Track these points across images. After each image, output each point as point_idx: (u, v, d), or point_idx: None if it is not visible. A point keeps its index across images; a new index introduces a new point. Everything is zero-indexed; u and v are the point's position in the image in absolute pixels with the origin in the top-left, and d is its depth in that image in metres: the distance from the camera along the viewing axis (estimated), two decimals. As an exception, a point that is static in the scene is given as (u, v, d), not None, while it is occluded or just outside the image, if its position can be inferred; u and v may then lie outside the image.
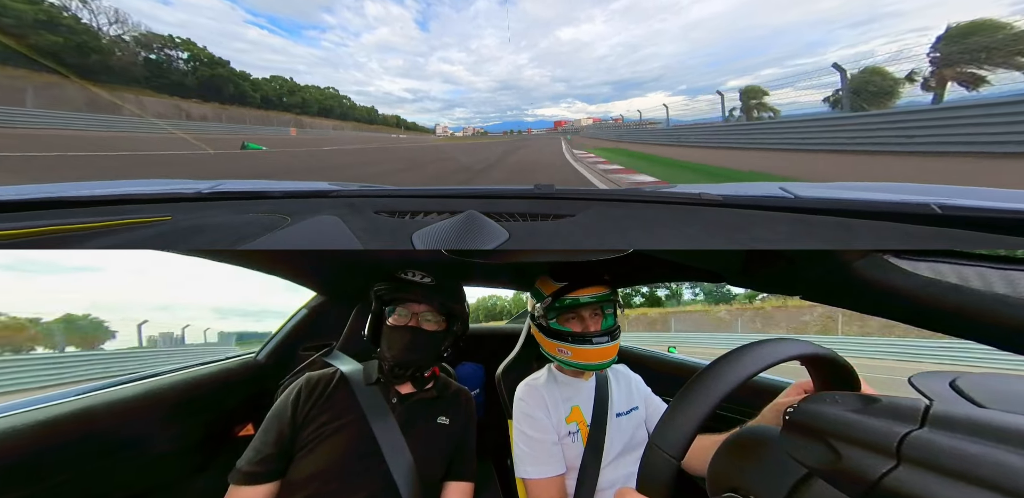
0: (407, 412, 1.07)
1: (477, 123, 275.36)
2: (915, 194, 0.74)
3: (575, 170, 9.30)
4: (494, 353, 1.62)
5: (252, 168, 9.01)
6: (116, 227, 0.66)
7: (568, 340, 1.09)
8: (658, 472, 0.43)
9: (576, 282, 1.11)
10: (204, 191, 0.92)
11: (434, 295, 1.09)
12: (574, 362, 1.10)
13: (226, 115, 37.03)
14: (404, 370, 1.10)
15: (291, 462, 0.97)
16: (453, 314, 1.13)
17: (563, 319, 1.12)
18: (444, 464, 1.07)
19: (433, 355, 1.12)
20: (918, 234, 0.56)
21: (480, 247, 0.63)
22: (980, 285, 0.41)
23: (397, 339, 1.07)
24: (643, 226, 0.70)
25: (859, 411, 0.38)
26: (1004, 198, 0.67)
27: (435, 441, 1.07)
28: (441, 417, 1.11)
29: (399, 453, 0.99)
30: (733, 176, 7.14)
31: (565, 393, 1.15)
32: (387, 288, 1.10)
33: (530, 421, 1.10)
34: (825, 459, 0.38)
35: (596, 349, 1.07)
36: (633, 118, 32.63)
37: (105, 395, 1.14)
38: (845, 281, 0.52)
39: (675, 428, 0.43)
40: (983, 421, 0.31)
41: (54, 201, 0.80)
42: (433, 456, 1.04)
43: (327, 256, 1.40)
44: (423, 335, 1.08)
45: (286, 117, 46.74)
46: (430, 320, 1.10)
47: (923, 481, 0.31)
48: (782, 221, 0.67)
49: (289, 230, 0.69)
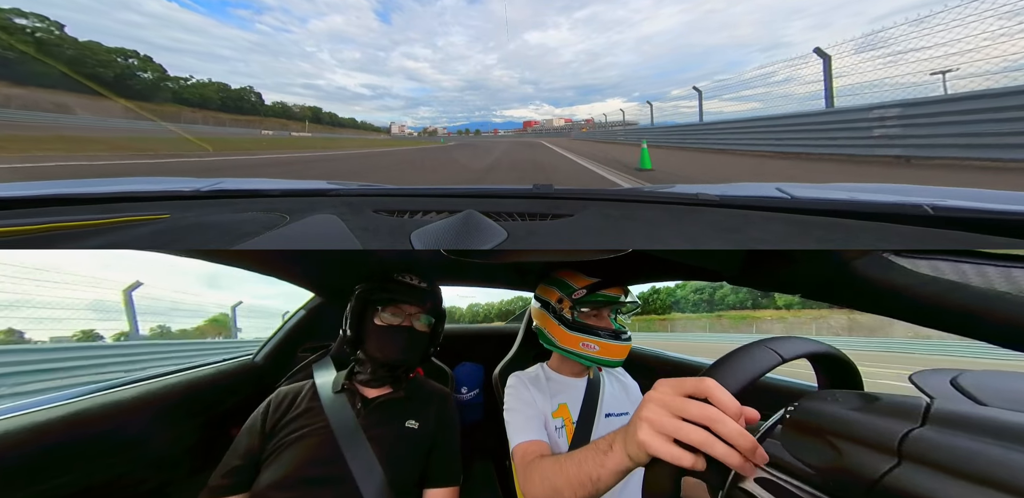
0: (373, 416, 1.05)
1: (444, 123, 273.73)
2: (909, 195, 0.75)
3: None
4: (494, 353, 1.61)
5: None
6: (114, 225, 0.66)
7: (599, 335, 1.12)
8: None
9: (610, 279, 1.15)
10: (202, 189, 0.92)
11: (428, 298, 1.12)
12: (600, 357, 1.13)
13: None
14: (392, 371, 1.09)
15: (257, 474, 0.96)
16: (439, 315, 1.17)
17: (584, 315, 1.15)
18: (416, 469, 1.04)
19: (422, 355, 1.15)
20: (911, 235, 0.57)
21: (479, 246, 0.63)
22: (980, 283, 0.41)
23: (390, 339, 1.07)
24: (641, 226, 0.70)
25: (860, 409, 0.38)
26: (996, 199, 0.68)
27: (402, 445, 1.04)
28: (410, 421, 1.08)
29: (362, 459, 0.96)
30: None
31: (554, 390, 1.17)
32: (379, 289, 1.10)
33: (518, 399, 1.11)
34: (826, 457, 0.37)
35: (621, 345, 1.12)
36: (599, 121, 32.58)
37: (100, 398, 1.13)
38: (845, 279, 0.52)
39: (735, 367, 0.46)
40: (984, 419, 0.31)
41: (52, 198, 0.80)
42: (401, 461, 1.01)
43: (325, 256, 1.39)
44: (417, 335, 1.10)
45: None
46: (421, 321, 1.12)
47: (924, 479, 0.31)
48: (778, 221, 0.68)
49: (287, 229, 0.69)
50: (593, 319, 1.14)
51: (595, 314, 1.15)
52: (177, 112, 43.83)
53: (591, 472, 0.60)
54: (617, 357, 1.13)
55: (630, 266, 1.17)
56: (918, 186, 0.94)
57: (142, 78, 48.35)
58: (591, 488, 0.61)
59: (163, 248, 0.62)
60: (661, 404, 0.47)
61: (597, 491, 0.60)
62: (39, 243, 0.59)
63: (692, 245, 0.61)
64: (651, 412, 0.48)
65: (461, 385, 1.83)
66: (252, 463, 0.96)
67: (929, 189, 0.87)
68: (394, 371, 1.10)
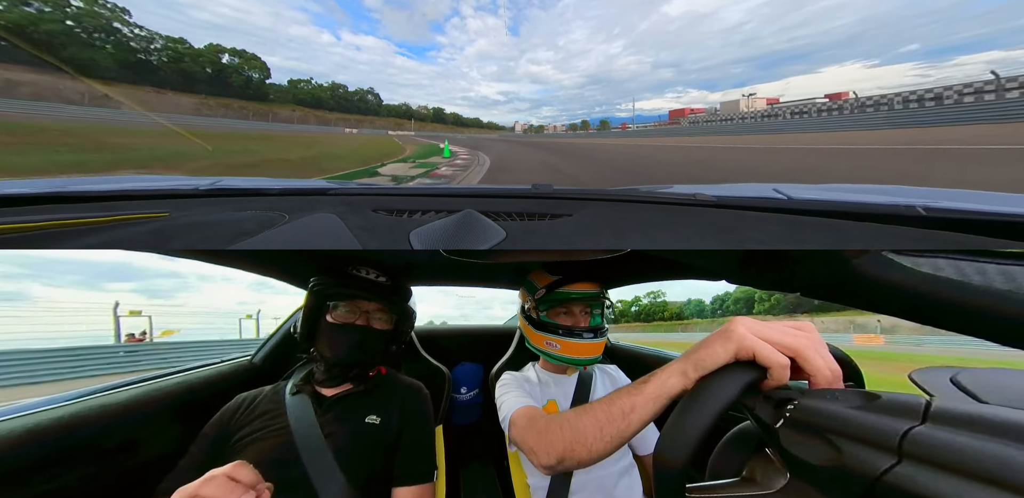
0: (331, 414, 1.00)
1: (564, 120, 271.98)
2: (903, 196, 0.76)
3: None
4: (494, 353, 1.61)
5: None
6: (113, 223, 0.66)
7: (558, 333, 1.11)
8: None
9: (570, 276, 1.14)
10: (202, 188, 0.92)
11: (388, 294, 1.06)
12: (562, 355, 1.12)
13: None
14: (346, 370, 1.04)
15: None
16: (404, 313, 1.11)
17: (553, 313, 1.15)
18: (379, 466, 0.99)
19: (381, 354, 1.08)
20: (904, 235, 0.58)
21: (477, 246, 0.63)
22: (979, 281, 0.41)
23: (342, 338, 1.01)
24: (639, 226, 0.71)
25: (860, 407, 0.38)
26: (988, 201, 0.70)
27: (360, 441, 0.98)
28: (371, 416, 1.02)
29: (319, 459, 0.92)
30: None
31: (545, 387, 1.17)
32: (331, 283, 1.04)
33: (510, 387, 1.10)
34: (826, 456, 0.37)
35: (584, 343, 1.10)
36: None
37: (97, 400, 1.13)
38: (844, 278, 0.52)
39: (677, 437, 0.44)
40: (984, 416, 0.31)
41: (50, 196, 0.80)
42: (360, 458, 0.96)
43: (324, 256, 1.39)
44: (373, 334, 1.04)
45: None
46: (380, 319, 1.06)
47: (925, 477, 0.31)
48: (774, 222, 0.68)
49: (286, 228, 0.69)
50: (564, 317, 1.14)
51: (564, 311, 1.14)
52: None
53: (623, 404, 0.55)
54: (581, 355, 1.10)
55: (599, 262, 1.15)
56: (911, 187, 0.95)
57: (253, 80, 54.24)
58: (621, 424, 0.55)
59: (162, 246, 0.62)
60: (752, 321, 0.49)
61: (628, 426, 0.55)
62: (38, 241, 0.59)
63: (689, 245, 0.62)
64: (746, 321, 0.49)
65: (460, 385, 1.83)
66: (204, 467, 0.92)
67: (921, 190, 0.88)
68: (348, 371, 1.04)
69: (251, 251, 1.28)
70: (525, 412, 0.91)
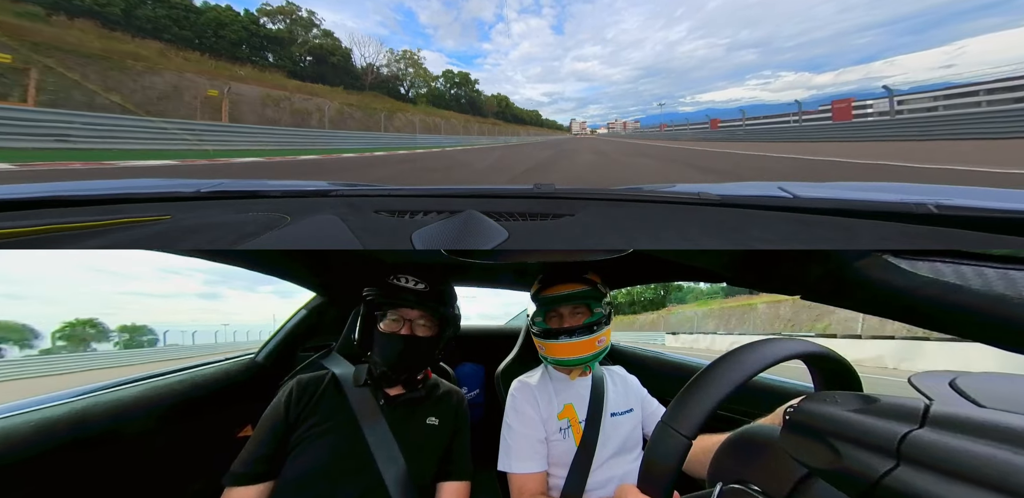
0: (396, 413, 1.07)
1: (614, 117, 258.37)
2: (913, 194, 0.74)
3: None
4: (495, 353, 1.62)
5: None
6: (115, 226, 0.66)
7: (541, 336, 1.15)
8: (667, 452, 0.43)
9: (550, 280, 1.17)
10: (203, 190, 0.92)
11: (427, 301, 1.08)
12: (547, 357, 1.16)
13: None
14: (396, 375, 1.09)
15: (284, 463, 0.97)
16: (446, 319, 1.13)
17: (548, 317, 1.17)
18: (435, 464, 1.07)
19: (426, 360, 1.13)
20: (915, 234, 0.56)
21: (479, 247, 0.63)
22: (980, 284, 0.41)
23: (390, 346, 1.06)
24: (642, 226, 0.70)
25: (859, 411, 0.38)
26: (1001, 198, 0.67)
27: (425, 441, 1.07)
28: (430, 418, 1.11)
29: (388, 454, 0.99)
30: None
31: (559, 390, 1.17)
32: (378, 293, 1.08)
33: (518, 416, 1.12)
34: (825, 459, 0.37)
35: (562, 344, 1.11)
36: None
37: (102, 397, 1.14)
38: (845, 281, 0.52)
39: (690, 407, 0.43)
40: (983, 421, 0.31)
41: (52, 200, 0.80)
42: (423, 457, 1.04)
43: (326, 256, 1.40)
44: (417, 342, 1.07)
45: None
46: (423, 325, 1.09)
47: (923, 481, 0.31)
48: (780, 221, 0.67)
49: (288, 229, 0.69)
50: (556, 321, 1.16)
51: (556, 316, 1.16)
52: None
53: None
54: (563, 355, 1.13)
55: (597, 263, 1.16)
56: (921, 185, 0.94)
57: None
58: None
59: (164, 249, 0.62)
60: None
61: None
62: (40, 244, 0.59)
63: (693, 245, 0.61)
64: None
65: (461, 385, 1.83)
66: (277, 453, 0.98)
67: (933, 187, 0.87)
68: (397, 377, 1.10)
69: (256, 251, 1.29)
70: (522, 484, 1.04)
